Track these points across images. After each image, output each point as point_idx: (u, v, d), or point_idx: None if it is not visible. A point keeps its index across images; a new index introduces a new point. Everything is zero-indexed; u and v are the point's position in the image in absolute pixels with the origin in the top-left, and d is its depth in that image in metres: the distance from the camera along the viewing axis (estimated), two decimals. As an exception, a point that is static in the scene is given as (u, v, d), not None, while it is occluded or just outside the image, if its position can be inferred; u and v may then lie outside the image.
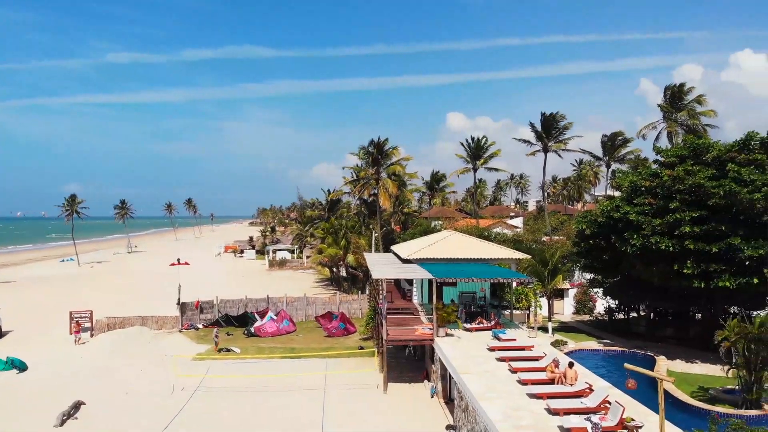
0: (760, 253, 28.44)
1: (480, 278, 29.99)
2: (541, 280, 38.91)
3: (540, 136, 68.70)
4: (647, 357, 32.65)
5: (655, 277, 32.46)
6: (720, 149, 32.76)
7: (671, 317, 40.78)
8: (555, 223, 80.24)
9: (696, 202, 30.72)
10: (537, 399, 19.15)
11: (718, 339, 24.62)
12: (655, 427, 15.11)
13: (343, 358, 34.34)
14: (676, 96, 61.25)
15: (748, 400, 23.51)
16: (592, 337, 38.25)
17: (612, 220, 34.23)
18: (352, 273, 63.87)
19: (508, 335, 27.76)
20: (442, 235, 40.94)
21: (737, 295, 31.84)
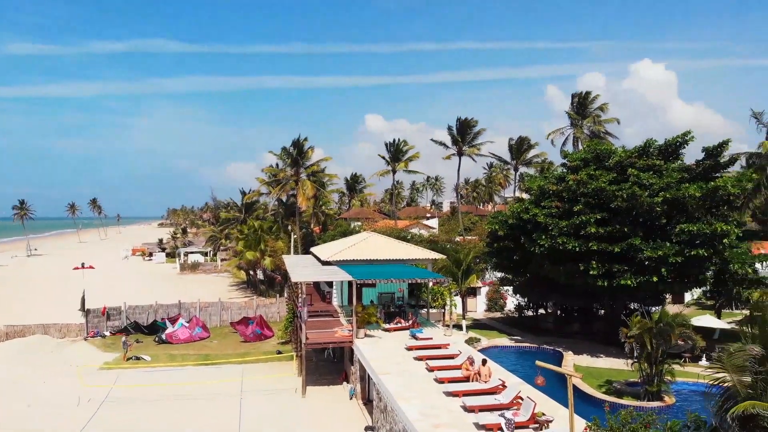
0: (659, 253, 30.44)
1: (399, 279, 30.37)
2: (456, 279, 39.90)
3: (455, 140, 70.55)
4: (555, 352, 34.22)
5: (562, 275, 34.05)
6: (621, 155, 34.86)
7: (577, 314, 42.93)
8: (468, 224, 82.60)
9: (599, 205, 32.52)
10: (453, 397, 19.64)
11: (623, 335, 26.14)
12: (564, 420, 15.84)
13: (261, 363, 33.72)
14: (583, 103, 64.68)
15: (650, 392, 25.09)
16: (504, 334, 39.63)
17: (522, 222, 35.61)
18: (270, 276, 62.84)
19: (425, 334, 28.29)
20: (361, 237, 41.12)
21: (638, 293, 33.94)
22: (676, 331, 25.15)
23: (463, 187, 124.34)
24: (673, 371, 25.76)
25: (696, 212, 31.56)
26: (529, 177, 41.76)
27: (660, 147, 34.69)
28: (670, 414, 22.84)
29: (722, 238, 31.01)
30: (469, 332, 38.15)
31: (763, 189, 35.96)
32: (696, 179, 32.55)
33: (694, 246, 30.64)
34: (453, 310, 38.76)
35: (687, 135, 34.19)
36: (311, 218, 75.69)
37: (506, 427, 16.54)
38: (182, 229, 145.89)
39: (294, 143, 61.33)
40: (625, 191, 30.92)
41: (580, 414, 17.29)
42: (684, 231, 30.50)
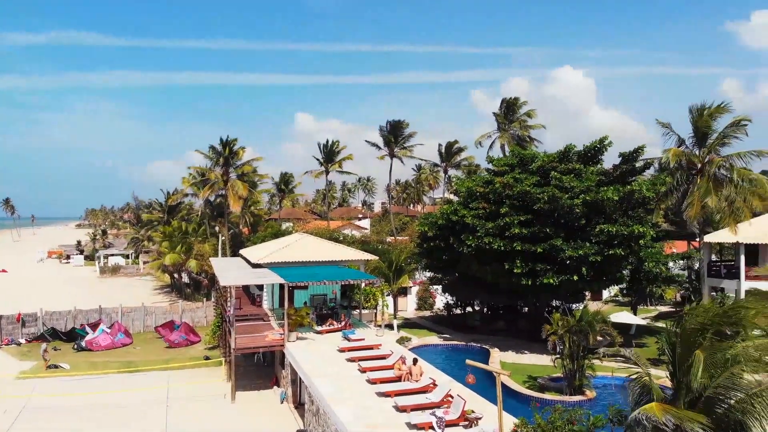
0: (579, 253, 31.86)
1: (331, 280, 30.34)
2: (388, 279, 40.27)
3: (387, 141, 71.08)
4: (483, 349, 35.14)
5: (488, 275, 35.03)
6: (543, 159, 36.25)
7: (502, 311, 44.25)
8: (399, 224, 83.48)
9: (524, 207, 33.68)
10: (386, 397, 19.84)
11: (546, 333, 27.15)
12: (493, 417, 16.35)
13: (187, 369, 32.82)
14: (510, 109, 66.68)
15: (572, 387, 26.21)
16: (434, 333, 40.34)
17: (451, 223, 36.37)
18: (196, 279, 61.16)
19: (358, 335, 28.42)
20: (293, 238, 40.76)
21: (560, 291, 35.37)
22: (596, 328, 26.36)
23: (394, 188, 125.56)
24: (594, 366, 26.96)
25: (613, 214, 33.24)
26: (457, 179, 42.61)
27: (579, 152, 36.31)
28: (591, 407, 24.02)
29: (638, 238, 32.83)
30: (400, 332, 38.57)
31: (675, 192, 38.22)
32: (613, 183, 34.27)
33: (612, 246, 32.25)
34: (385, 310, 39.11)
35: (604, 140, 35.96)
36: (240, 219, 74.28)
37: (437, 426, 16.89)
38: (102, 230, 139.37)
39: (224, 142, 59.91)
40: (547, 194, 32.14)
41: (507, 409, 17.85)
42: (603, 232, 32.05)
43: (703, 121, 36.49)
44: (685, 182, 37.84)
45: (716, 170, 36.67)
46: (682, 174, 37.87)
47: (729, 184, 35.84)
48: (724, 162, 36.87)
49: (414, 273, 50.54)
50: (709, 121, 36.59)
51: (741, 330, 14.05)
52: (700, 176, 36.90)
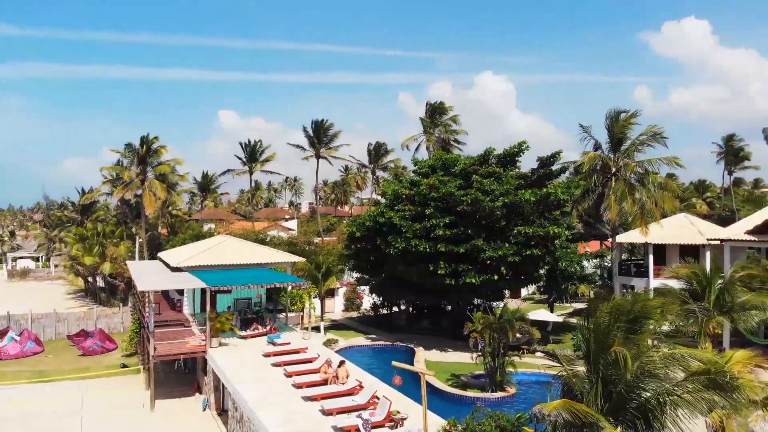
0: (499, 253, 32.98)
1: (256, 284, 29.88)
2: (315, 281, 40.11)
3: (312, 142, 70.62)
4: (408, 349, 35.68)
5: (414, 275, 35.63)
6: (465, 162, 37.25)
7: (427, 310, 45.13)
8: (327, 225, 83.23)
9: (447, 209, 34.48)
10: (312, 401, 19.79)
11: (467, 330, 27.89)
12: (419, 416, 16.65)
13: (104, 378, 31.41)
14: (436, 112, 67.92)
15: (494, 384, 27.05)
16: (360, 333, 40.56)
17: (378, 225, 36.72)
18: (111, 283, 58.51)
19: (283, 339, 28.15)
20: (216, 241, 39.78)
21: (481, 290, 36.41)
22: (515, 326, 27.35)
23: (322, 189, 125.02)
24: (514, 363, 27.94)
25: (531, 216, 34.62)
26: (384, 181, 43.06)
27: (499, 155, 37.57)
28: (512, 403, 24.91)
29: (554, 239, 34.37)
30: (327, 334, 38.52)
31: (591, 194, 40.14)
32: (531, 186, 35.65)
33: (529, 246, 33.57)
34: (312, 312, 38.91)
35: (523, 145, 37.35)
36: (159, 221, 71.71)
37: (363, 428, 17.02)
38: (10, 231, 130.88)
39: (142, 140, 57.52)
40: (470, 196, 33.04)
41: (432, 408, 18.22)
42: (521, 233, 33.31)
43: (619, 127, 38.48)
44: (600, 185, 39.82)
45: (629, 174, 38.79)
46: (597, 177, 39.83)
47: (641, 188, 38.02)
48: (638, 167, 39.07)
49: (342, 274, 50.58)
50: (624, 128, 38.62)
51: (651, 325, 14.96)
52: (614, 180, 38.92)
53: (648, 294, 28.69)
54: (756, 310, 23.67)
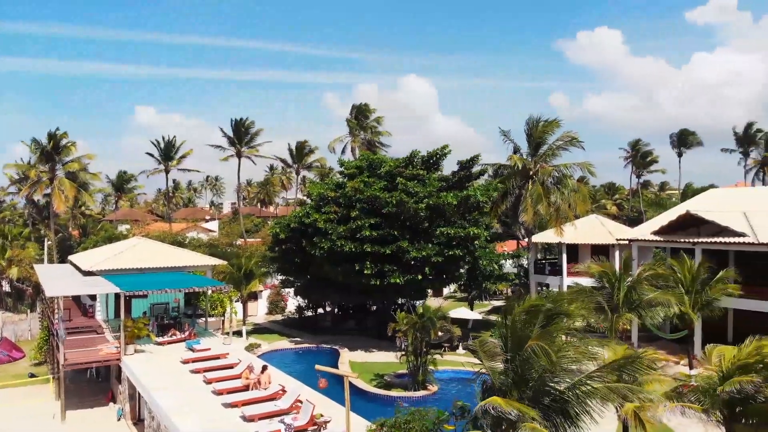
0: (423, 254, 33.58)
1: (174, 288, 28.91)
2: (237, 284, 39.26)
3: (233, 141, 69.05)
4: (333, 350, 35.61)
5: (339, 276, 35.62)
6: (390, 164, 37.62)
7: (353, 311, 45.20)
8: (250, 226, 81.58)
9: (373, 210, 34.70)
10: (233, 408, 19.34)
11: (391, 330, 28.15)
12: (342, 419, 16.64)
13: (10, 388, 29.43)
14: (362, 114, 68.08)
15: (417, 382, 27.42)
16: (284, 337, 40.07)
17: (303, 226, 36.44)
18: (18, 288, 54.94)
19: (203, 345, 27.37)
20: (131, 243, 38.11)
21: (405, 290, 36.89)
22: (437, 324, 27.85)
23: (244, 189, 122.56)
24: (436, 361, 28.44)
25: (453, 217, 35.45)
26: (310, 183, 42.76)
27: (423, 157, 38.20)
28: (434, 401, 25.33)
29: (474, 239, 35.37)
30: (249, 338, 37.81)
31: (509, 196, 41.49)
32: (452, 188, 36.47)
33: (451, 247, 34.36)
34: (233, 317, 38.06)
35: (445, 148, 38.19)
36: (69, 221, 68.01)
37: (285, 433, 16.82)
38: None
39: (50, 135, 54.23)
40: (395, 198, 33.42)
41: (356, 409, 18.26)
42: (443, 234, 34.06)
43: (538, 132, 39.99)
44: (517, 188, 41.23)
45: (546, 178, 40.38)
46: (515, 180, 41.23)
47: (557, 191, 39.66)
48: (554, 171, 40.72)
49: (265, 277, 49.76)
50: (542, 133, 40.16)
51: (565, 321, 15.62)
52: (531, 183, 40.39)
53: (562, 292, 29.94)
54: (662, 307, 25.29)
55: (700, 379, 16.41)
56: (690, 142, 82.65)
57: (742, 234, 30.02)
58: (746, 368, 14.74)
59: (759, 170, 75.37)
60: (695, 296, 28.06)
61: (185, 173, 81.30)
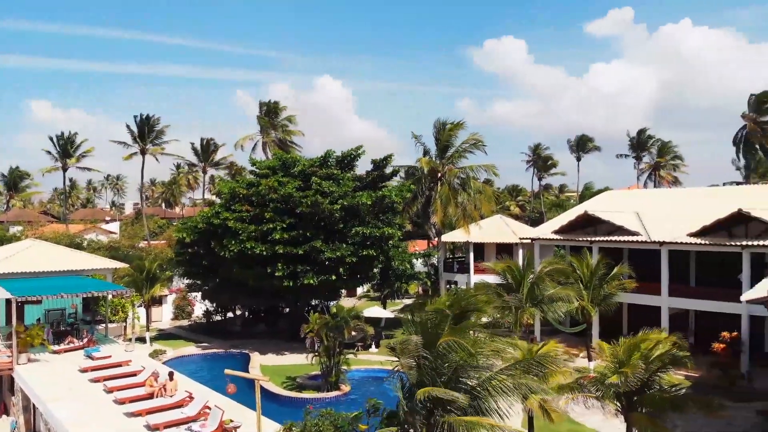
0: (337, 254, 33.49)
1: (70, 293, 27.26)
2: (140, 289, 37.50)
3: (137, 138, 65.94)
4: (243, 355, 34.76)
5: (250, 278, 34.86)
6: (305, 164, 37.31)
7: (264, 314, 44.36)
8: (154, 228, 78.19)
9: (287, 210, 34.24)
10: (136, 417, 18.49)
11: (304, 331, 27.88)
12: (253, 424, 16.31)
13: None
14: (272, 112, 66.96)
15: (330, 383, 27.29)
16: (191, 342, 38.69)
17: (212, 227, 35.36)
18: None
19: (103, 352, 25.98)
20: (23, 245, 35.46)
21: (319, 290, 36.67)
22: (351, 324, 27.89)
23: (148, 188, 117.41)
24: (349, 361, 28.46)
25: (367, 217, 35.64)
26: (220, 180, 41.45)
27: (338, 157, 38.19)
28: (347, 401, 25.39)
29: (388, 239, 35.76)
30: (153, 345, 36.21)
31: (420, 197, 42.35)
32: (367, 188, 36.71)
33: (365, 247, 34.54)
34: (136, 322, 36.30)
35: (359, 149, 38.38)
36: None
37: (194, 440, 16.28)
38: None
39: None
40: (309, 198, 33.16)
41: (267, 413, 17.98)
42: (358, 234, 34.16)
43: (445, 135, 41.01)
44: (428, 189, 42.16)
45: (453, 179, 41.54)
46: (425, 181, 42.13)
47: (464, 192, 40.87)
48: (461, 173, 41.95)
49: (171, 280, 47.84)
50: (449, 136, 41.24)
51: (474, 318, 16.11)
52: (441, 184, 41.39)
53: (470, 289, 30.84)
54: (562, 302, 26.69)
55: (598, 371, 17.45)
56: (587, 147, 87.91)
57: (635, 233, 32.20)
58: (636, 357, 15.78)
59: (651, 174, 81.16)
60: (593, 291, 29.84)
61: (84, 172, 76.70)
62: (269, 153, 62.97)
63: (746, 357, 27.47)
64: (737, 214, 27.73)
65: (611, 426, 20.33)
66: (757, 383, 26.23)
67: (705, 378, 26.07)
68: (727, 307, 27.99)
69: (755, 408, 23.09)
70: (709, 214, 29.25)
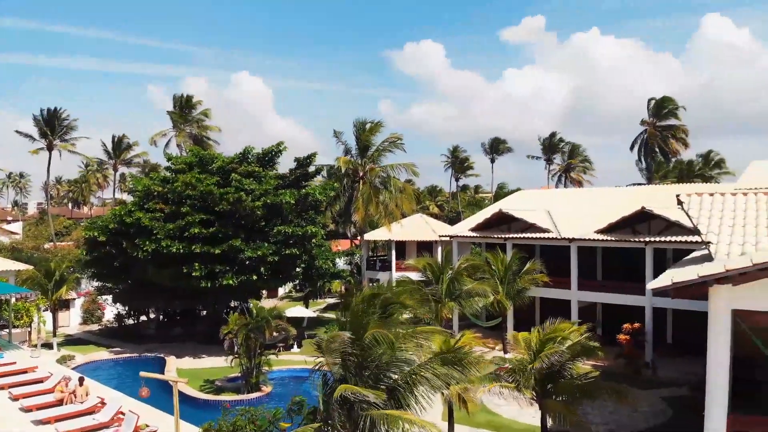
0: (258, 253, 32.92)
1: (-34, 298, 25.30)
2: (45, 292, 35.37)
3: (44, 133, 62.07)
4: (158, 359, 33.53)
5: (166, 279, 33.67)
6: (223, 160, 36.47)
7: (180, 317, 42.97)
8: (60, 228, 73.92)
9: (205, 208, 33.34)
10: (45, 425, 17.56)
11: (223, 333, 27.27)
12: (170, 427, 15.85)
13: None
14: (185, 107, 64.85)
15: (250, 385, 26.84)
16: (102, 347, 36.91)
17: (124, 226, 33.90)
18: None
19: (6, 359, 24.45)
20: None
21: (239, 291, 35.88)
22: (272, 324, 27.57)
23: (54, 187, 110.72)
24: (270, 361, 28.11)
25: (290, 216, 35.32)
26: (132, 177, 39.72)
27: (258, 155, 37.60)
28: (270, 402, 25.08)
29: (311, 238, 35.54)
30: (61, 350, 34.28)
31: (342, 196, 42.48)
32: (289, 186, 36.36)
33: (288, 246, 34.20)
34: (42, 327, 34.30)
35: (280, 146, 37.93)
36: None
37: (107, 447, 15.62)
38: None
39: None
40: (231, 195, 32.43)
41: (185, 417, 17.52)
42: (280, 232, 33.77)
43: (365, 135, 41.36)
44: (350, 188, 42.36)
45: (375, 179, 41.95)
46: (347, 180, 42.31)
47: (385, 191, 41.35)
48: (382, 172, 42.42)
49: (79, 283, 45.39)
50: (369, 136, 41.63)
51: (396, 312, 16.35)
52: (362, 183, 41.68)
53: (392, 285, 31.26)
54: (478, 297, 27.62)
55: (514, 361, 18.19)
56: (501, 149, 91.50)
57: (546, 230, 33.72)
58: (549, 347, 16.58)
59: (562, 175, 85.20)
60: (507, 286, 31.05)
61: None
62: (184, 150, 60.92)
63: (650, 347, 29.28)
64: (640, 212, 29.58)
65: (526, 415, 21.27)
66: (660, 372, 27.92)
67: (612, 367, 27.60)
68: (632, 300, 29.88)
69: (660, 394, 24.76)
70: (614, 213, 31.03)
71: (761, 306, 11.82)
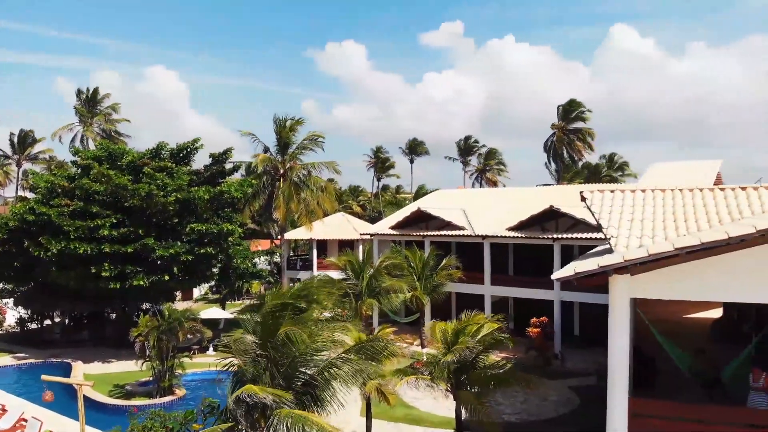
0: (170, 252, 31.71)
1: None
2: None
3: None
4: (64, 364, 31.82)
5: (71, 281, 32.00)
6: (135, 155, 35.08)
7: (87, 320, 40.98)
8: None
9: (114, 204, 31.91)
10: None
11: (133, 335, 26.22)
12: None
13: None
14: (92, 101, 61.82)
15: (162, 388, 25.94)
16: (4, 353, 34.67)
17: (26, 224, 31.92)
18: None
19: None
20: None
21: (151, 292, 34.57)
22: (186, 326, 26.78)
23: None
24: (184, 364, 27.28)
25: (204, 213, 34.37)
26: (34, 174, 37.33)
27: (172, 150, 36.42)
28: (183, 405, 24.39)
29: (227, 237, 34.72)
30: (-48, 358, 31.87)
31: (262, 194, 41.79)
32: (205, 183, 35.44)
33: (203, 245, 33.22)
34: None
35: (197, 142, 36.93)
36: None
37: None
38: None
39: None
40: (143, 190, 31.17)
41: (93, 423, 16.85)
42: (194, 230, 32.76)
43: (285, 132, 40.94)
44: (270, 186, 41.78)
45: (296, 176, 41.61)
46: (267, 178, 41.72)
47: (306, 189, 41.12)
48: (303, 169, 42.14)
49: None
50: (289, 133, 41.23)
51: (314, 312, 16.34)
52: (283, 181, 41.23)
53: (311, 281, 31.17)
54: (397, 293, 28.10)
55: (430, 355, 18.68)
56: (419, 150, 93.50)
57: (461, 228, 34.75)
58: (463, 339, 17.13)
59: (478, 176, 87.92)
60: (425, 281, 31.78)
61: None
62: (92, 145, 58.07)
63: (558, 339, 30.79)
64: (549, 210, 31.06)
65: (442, 407, 21.86)
66: (568, 363, 29.39)
67: (523, 359, 28.81)
68: (542, 294, 31.35)
69: (568, 384, 26.08)
70: (525, 211, 32.43)
71: (656, 294, 12.73)
